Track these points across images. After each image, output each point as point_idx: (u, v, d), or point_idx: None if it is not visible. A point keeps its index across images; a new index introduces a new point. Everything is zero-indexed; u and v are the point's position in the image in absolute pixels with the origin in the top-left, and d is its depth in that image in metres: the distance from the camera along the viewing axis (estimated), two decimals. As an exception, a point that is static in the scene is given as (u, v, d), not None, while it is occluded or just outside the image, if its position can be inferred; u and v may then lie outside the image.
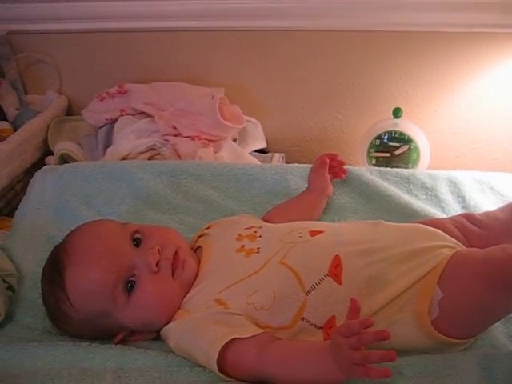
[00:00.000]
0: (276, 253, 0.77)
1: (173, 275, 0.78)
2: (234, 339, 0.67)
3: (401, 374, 0.69)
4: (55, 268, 0.78)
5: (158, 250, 0.78)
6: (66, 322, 0.78)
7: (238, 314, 0.72)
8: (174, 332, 0.74)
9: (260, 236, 0.82)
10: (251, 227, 0.85)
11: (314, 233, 0.80)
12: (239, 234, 0.83)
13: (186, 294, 0.78)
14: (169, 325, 0.76)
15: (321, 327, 0.72)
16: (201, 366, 0.71)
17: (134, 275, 0.76)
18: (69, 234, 0.82)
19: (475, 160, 1.34)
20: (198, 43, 1.32)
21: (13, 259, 0.92)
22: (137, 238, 0.81)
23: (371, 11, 1.24)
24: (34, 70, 1.41)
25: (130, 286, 0.76)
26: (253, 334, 0.68)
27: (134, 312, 0.76)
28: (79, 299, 0.75)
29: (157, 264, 0.76)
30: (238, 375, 0.68)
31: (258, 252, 0.78)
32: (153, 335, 0.80)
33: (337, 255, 0.74)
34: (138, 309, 0.76)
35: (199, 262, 0.82)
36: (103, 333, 0.78)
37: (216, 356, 0.66)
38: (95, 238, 0.79)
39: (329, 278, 0.73)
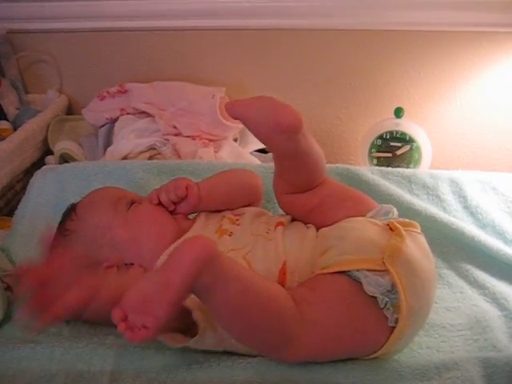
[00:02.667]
0: (244, 246, 0.78)
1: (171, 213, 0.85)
2: None
3: (401, 376, 0.68)
4: (69, 207, 0.86)
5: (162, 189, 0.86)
6: (64, 246, 0.80)
7: None
8: None
9: (238, 224, 0.83)
10: (237, 214, 0.86)
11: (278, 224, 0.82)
12: (223, 216, 0.86)
13: (177, 238, 0.80)
14: None
15: None
16: (198, 364, 0.70)
17: (136, 201, 0.85)
18: None
19: (477, 160, 1.33)
20: (198, 42, 1.32)
21: (12, 259, 0.92)
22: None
23: (372, 10, 1.23)
24: (35, 70, 1.41)
25: (130, 205, 0.83)
26: None
27: (129, 222, 0.80)
28: (84, 207, 0.83)
29: (159, 201, 0.85)
30: None
31: (230, 235, 0.80)
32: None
33: (285, 262, 0.75)
34: (132, 220, 0.81)
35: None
36: (94, 258, 0.78)
37: None
38: (103, 188, 0.90)
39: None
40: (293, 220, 0.86)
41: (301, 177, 0.81)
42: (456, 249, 0.94)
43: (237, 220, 0.84)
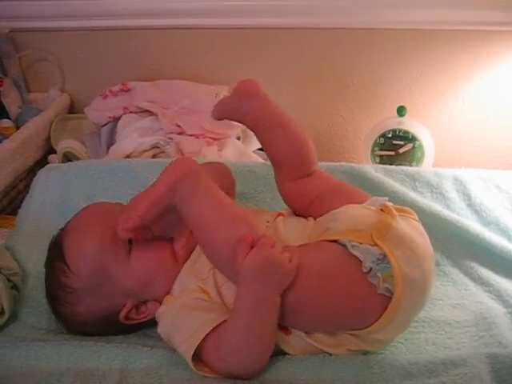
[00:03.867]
0: None
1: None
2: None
3: (408, 372, 0.69)
4: (55, 244, 0.79)
5: None
6: (70, 302, 0.76)
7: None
8: (160, 318, 0.74)
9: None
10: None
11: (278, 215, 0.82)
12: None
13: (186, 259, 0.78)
14: (160, 308, 0.76)
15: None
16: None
17: None
18: None
19: (479, 158, 1.34)
20: (201, 41, 1.32)
21: (16, 258, 0.92)
22: None
23: (375, 9, 1.24)
24: (37, 68, 1.41)
25: (128, 240, 0.76)
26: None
27: (134, 267, 0.76)
28: (78, 262, 0.75)
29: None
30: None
31: None
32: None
33: None
34: (139, 262, 0.76)
35: None
36: (110, 307, 0.76)
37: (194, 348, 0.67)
38: (91, 210, 0.83)
39: None
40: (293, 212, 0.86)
41: (285, 150, 0.83)
42: (460, 246, 0.94)
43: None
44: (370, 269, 0.67)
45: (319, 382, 0.68)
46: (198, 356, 0.68)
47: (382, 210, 0.74)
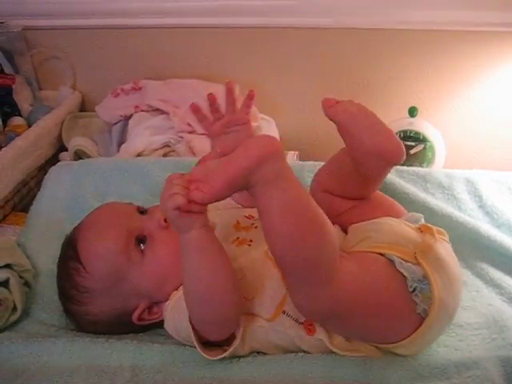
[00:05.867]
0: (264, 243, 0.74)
1: None
2: None
3: (420, 374, 0.69)
4: (69, 244, 0.79)
5: None
6: (82, 302, 0.76)
7: None
8: (165, 315, 0.75)
9: (256, 227, 0.81)
10: (251, 217, 0.83)
11: None
12: (237, 222, 0.83)
13: None
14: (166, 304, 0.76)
15: (301, 322, 0.71)
16: (217, 360, 0.70)
17: (145, 235, 0.77)
18: None
19: (491, 159, 1.33)
20: (213, 40, 1.32)
21: (28, 255, 0.92)
22: (142, 211, 0.82)
23: (385, 9, 1.23)
24: (49, 66, 1.41)
25: (141, 241, 0.76)
26: None
27: (148, 268, 0.75)
28: (93, 262, 0.75)
29: (165, 220, 0.77)
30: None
31: (249, 245, 0.78)
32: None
33: None
34: (153, 264, 0.75)
35: None
36: (122, 308, 0.76)
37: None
38: (104, 210, 0.83)
39: None
40: None
41: (361, 191, 0.82)
42: (472, 248, 0.94)
43: (252, 224, 0.82)
44: (414, 288, 0.67)
45: (332, 380, 0.68)
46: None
47: (420, 229, 0.75)
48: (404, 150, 0.72)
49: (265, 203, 0.61)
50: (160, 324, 0.78)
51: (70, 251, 0.78)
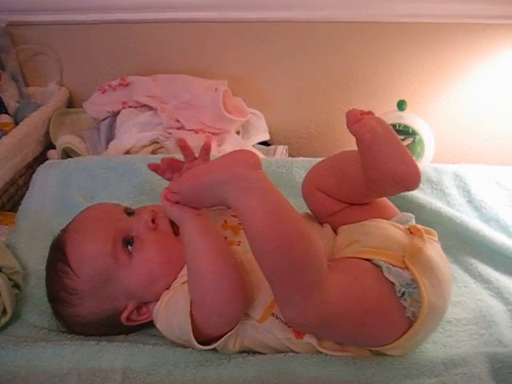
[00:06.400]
0: None
1: (176, 234, 0.78)
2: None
3: (409, 372, 0.69)
4: (57, 246, 0.79)
5: (153, 210, 0.80)
6: (72, 303, 0.77)
7: None
8: (155, 313, 0.75)
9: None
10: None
11: None
12: (225, 221, 0.83)
13: None
14: (155, 307, 0.76)
15: (290, 326, 0.71)
16: (208, 361, 0.71)
17: (132, 237, 0.77)
18: None
19: (479, 152, 1.34)
20: (201, 35, 1.31)
21: (17, 256, 0.91)
22: (130, 212, 0.82)
23: (375, 2, 1.23)
24: (35, 62, 1.40)
25: (128, 243, 0.77)
26: None
27: (137, 269, 0.76)
28: (81, 264, 0.76)
29: (153, 221, 0.78)
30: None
31: (238, 245, 0.78)
32: None
33: None
34: (141, 265, 0.76)
35: None
36: (112, 309, 0.77)
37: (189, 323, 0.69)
38: (92, 212, 0.83)
39: None
40: (307, 218, 0.85)
41: (359, 199, 0.81)
42: (460, 243, 0.94)
43: (239, 223, 0.81)
44: (403, 293, 0.68)
45: (321, 380, 0.68)
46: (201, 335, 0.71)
47: (410, 230, 0.75)
48: (421, 176, 0.72)
49: (243, 211, 0.64)
50: (150, 324, 0.78)
51: (59, 254, 0.78)
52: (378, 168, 0.72)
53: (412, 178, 0.71)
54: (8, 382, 0.67)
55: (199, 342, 0.71)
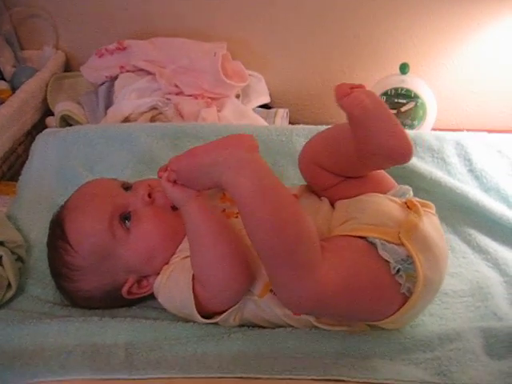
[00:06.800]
0: None
1: (173, 209, 0.79)
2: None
3: (405, 347, 0.71)
4: (56, 223, 0.80)
5: (149, 184, 0.81)
6: (74, 279, 0.78)
7: None
8: (157, 288, 0.77)
9: None
10: None
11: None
12: (223, 194, 0.84)
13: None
14: (156, 280, 0.77)
15: None
16: (209, 336, 0.73)
17: (130, 212, 0.78)
18: None
19: (482, 113, 1.32)
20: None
21: (19, 228, 0.92)
22: (127, 187, 0.83)
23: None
24: (29, 25, 1.36)
25: (126, 219, 0.78)
26: None
27: (135, 244, 0.77)
28: (80, 242, 0.77)
29: (150, 196, 0.79)
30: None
31: (236, 217, 0.79)
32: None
33: None
34: (138, 240, 0.77)
35: None
36: (112, 284, 0.78)
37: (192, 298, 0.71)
38: (89, 188, 0.84)
39: None
40: (306, 191, 0.85)
41: (354, 173, 0.81)
42: (460, 213, 0.95)
43: None
44: (398, 270, 0.68)
45: (320, 354, 0.70)
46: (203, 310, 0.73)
47: (406, 204, 0.75)
48: (413, 151, 0.71)
49: (237, 192, 0.65)
50: (152, 296, 0.80)
51: (58, 231, 0.79)
52: (368, 142, 0.71)
53: (403, 152, 0.70)
54: (15, 359, 0.69)
55: (201, 316, 0.73)
